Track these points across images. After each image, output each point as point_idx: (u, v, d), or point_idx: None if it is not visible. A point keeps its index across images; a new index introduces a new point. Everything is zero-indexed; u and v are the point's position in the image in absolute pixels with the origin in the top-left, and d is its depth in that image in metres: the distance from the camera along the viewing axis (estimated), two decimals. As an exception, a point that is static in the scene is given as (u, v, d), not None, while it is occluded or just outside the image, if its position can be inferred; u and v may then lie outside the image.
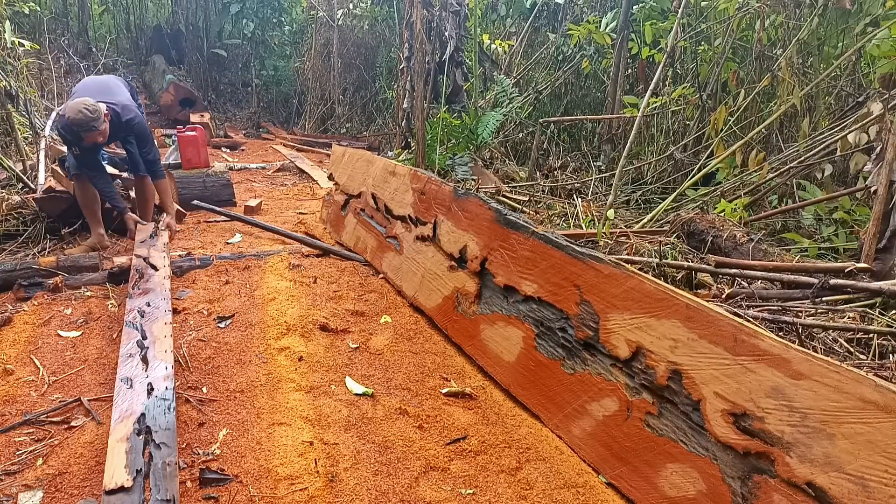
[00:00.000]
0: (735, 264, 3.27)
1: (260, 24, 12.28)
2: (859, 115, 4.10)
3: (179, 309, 3.37)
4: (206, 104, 11.69)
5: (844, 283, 2.94)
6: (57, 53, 10.68)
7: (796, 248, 3.97)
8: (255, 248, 4.47)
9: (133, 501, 1.75)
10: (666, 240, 4.06)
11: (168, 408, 2.18)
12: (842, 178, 4.77)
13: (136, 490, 1.78)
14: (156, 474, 1.86)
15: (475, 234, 3.08)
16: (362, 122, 11.50)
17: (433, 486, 2.09)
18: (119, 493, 1.75)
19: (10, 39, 6.00)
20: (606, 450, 2.18)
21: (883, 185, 3.30)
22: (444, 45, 7.19)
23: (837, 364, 1.59)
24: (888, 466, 1.46)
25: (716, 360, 1.87)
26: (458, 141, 6.87)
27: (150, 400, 2.21)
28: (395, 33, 10.77)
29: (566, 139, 7.90)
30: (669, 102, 6.04)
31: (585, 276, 2.38)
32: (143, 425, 2.07)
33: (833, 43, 5.29)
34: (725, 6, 5.32)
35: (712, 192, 5.03)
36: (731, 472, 1.79)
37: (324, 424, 2.38)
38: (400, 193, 3.88)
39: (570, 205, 5.46)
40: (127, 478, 1.80)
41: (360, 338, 3.17)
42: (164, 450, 1.97)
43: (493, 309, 2.88)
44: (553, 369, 2.48)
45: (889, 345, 2.60)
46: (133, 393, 2.24)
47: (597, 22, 6.87)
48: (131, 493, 1.77)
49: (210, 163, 6.55)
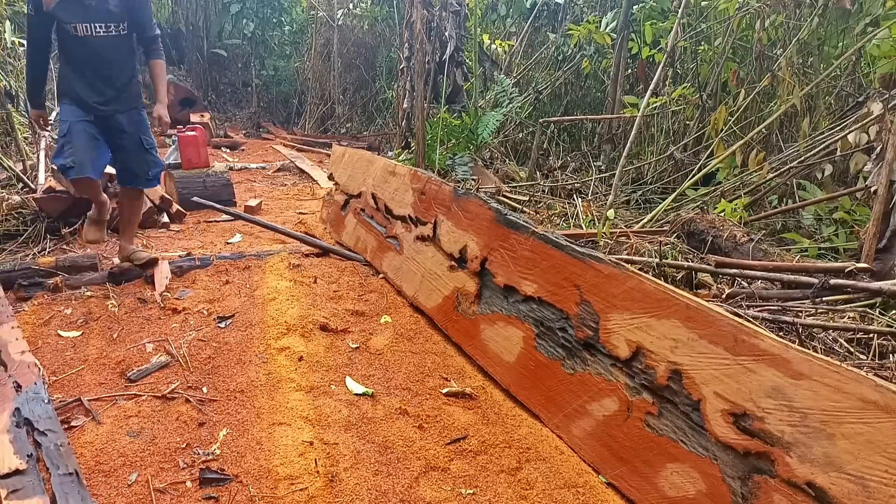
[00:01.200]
0: (735, 264, 3.27)
1: (260, 24, 12.29)
2: (859, 115, 4.10)
3: (179, 309, 3.37)
4: (207, 104, 11.69)
5: (844, 283, 2.94)
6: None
7: (796, 248, 3.97)
8: (255, 248, 4.47)
9: (31, 481, 1.86)
10: (666, 240, 4.06)
11: (43, 400, 2.29)
12: (842, 178, 4.77)
13: (31, 472, 1.89)
14: (50, 455, 1.97)
15: (475, 234, 3.08)
16: (362, 122, 11.51)
17: (433, 486, 2.09)
18: (15, 476, 1.86)
19: (10, 39, 6.01)
20: (606, 450, 2.18)
21: (883, 185, 3.30)
22: (444, 45, 7.19)
23: (837, 364, 1.59)
24: (888, 466, 1.46)
25: (716, 360, 1.87)
26: (458, 141, 6.87)
27: (22, 395, 2.29)
28: (395, 33, 10.77)
29: (566, 139, 7.90)
30: (669, 102, 6.03)
31: (585, 276, 2.38)
32: (21, 417, 2.16)
33: (833, 43, 5.29)
34: (725, 6, 5.32)
35: (712, 192, 5.02)
36: (732, 472, 1.79)
37: (324, 424, 2.38)
38: (400, 193, 3.88)
39: (570, 205, 5.46)
40: (20, 462, 1.90)
41: (361, 338, 3.17)
42: (50, 435, 2.08)
43: (494, 309, 2.88)
44: (553, 369, 2.48)
45: (889, 345, 2.60)
46: (3, 391, 2.35)
47: (597, 22, 6.87)
48: (27, 475, 1.87)
49: (210, 163, 6.55)
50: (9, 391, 2.31)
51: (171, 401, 2.52)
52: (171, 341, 3.00)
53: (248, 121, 12.29)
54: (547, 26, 8.68)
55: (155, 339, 3.05)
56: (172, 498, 1.97)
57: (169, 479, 2.05)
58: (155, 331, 3.14)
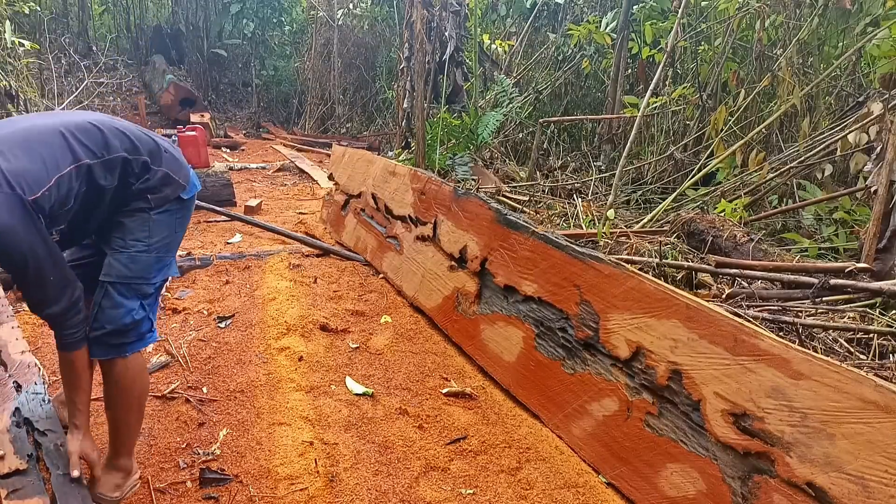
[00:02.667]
0: (735, 264, 3.27)
1: (260, 24, 12.28)
2: (859, 115, 4.10)
3: (179, 309, 3.37)
4: (207, 104, 11.68)
5: (844, 283, 2.94)
6: (57, 53, 10.67)
7: (796, 248, 3.97)
8: (255, 248, 4.47)
9: (32, 481, 1.83)
10: (666, 240, 4.05)
11: (43, 400, 2.24)
12: (842, 178, 4.77)
13: (31, 472, 1.86)
14: (50, 456, 1.94)
15: (475, 234, 3.08)
16: (362, 122, 11.50)
17: (433, 486, 2.09)
18: (15, 476, 1.84)
19: (10, 39, 6.01)
20: (606, 450, 2.18)
21: (883, 185, 3.29)
22: (444, 45, 7.19)
23: (837, 364, 1.59)
24: (888, 466, 1.45)
25: (716, 360, 1.87)
26: (458, 141, 6.87)
27: (22, 395, 2.26)
28: (395, 33, 10.77)
29: (566, 139, 7.90)
30: (669, 102, 6.03)
31: (585, 276, 2.38)
32: (21, 417, 2.13)
33: (833, 43, 5.29)
34: (725, 6, 5.32)
35: (712, 192, 5.02)
36: (732, 472, 1.79)
37: (324, 424, 2.38)
38: (400, 193, 3.88)
39: (570, 205, 5.45)
40: (20, 462, 1.88)
41: (361, 338, 3.16)
42: (50, 435, 2.04)
43: (494, 309, 2.88)
44: (553, 369, 2.48)
45: (889, 345, 2.60)
46: (3, 391, 2.32)
47: (597, 22, 6.87)
48: (28, 475, 1.85)
49: (210, 163, 6.55)
50: (9, 391, 2.31)
51: (171, 401, 2.52)
52: (171, 341, 3.00)
53: (248, 121, 12.29)
54: (547, 26, 8.68)
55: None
56: (172, 498, 1.97)
57: (169, 479, 2.05)
58: (155, 331, 3.14)
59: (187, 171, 2.01)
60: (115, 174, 1.79)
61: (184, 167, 2.00)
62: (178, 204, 1.95)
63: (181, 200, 1.96)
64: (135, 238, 1.86)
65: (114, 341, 1.83)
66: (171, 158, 1.96)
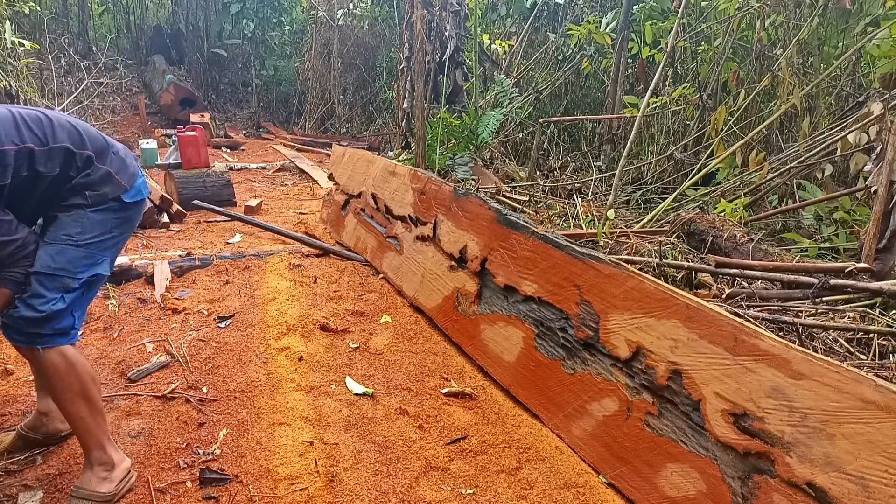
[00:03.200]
0: (735, 264, 3.27)
1: (260, 24, 12.29)
2: (859, 115, 4.10)
3: (179, 309, 3.37)
4: (207, 104, 11.69)
5: (844, 283, 2.94)
6: (57, 53, 10.67)
7: (796, 248, 3.97)
8: (255, 248, 4.47)
9: None
10: (666, 240, 4.06)
11: None
12: (842, 178, 4.77)
13: None
14: None
15: (475, 234, 3.08)
16: (362, 122, 11.51)
17: (433, 486, 2.09)
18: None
19: (10, 39, 6.00)
20: (606, 450, 2.18)
21: (883, 185, 3.29)
22: (444, 45, 7.19)
23: (837, 364, 1.59)
24: (888, 466, 1.45)
25: (716, 360, 1.86)
26: (458, 141, 6.87)
27: None
28: (395, 33, 10.77)
29: (566, 139, 7.90)
30: (669, 102, 6.04)
31: (585, 276, 2.38)
32: None
33: (833, 43, 5.29)
34: (725, 6, 5.32)
35: (712, 192, 5.03)
36: (732, 472, 1.79)
37: (324, 424, 2.38)
38: (400, 193, 3.88)
39: (570, 205, 5.46)
40: None
41: (361, 338, 3.16)
42: None
43: (494, 309, 2.88)
44: (553, 369, 2.48)
45: (889, 345, 2.60)
46: None
47: (597, 22, 6.87)
48: None
49: (210, 163, 6.54)
50: None
51: (171, 401, 2.52)
52: (171, 341, 3.00)
53: (248, 121, 12.29)
54: (547, 26, 8.68)
55: (155, 339, 3.05)
56: (172, 498, 1.97)
57: (169, 479, 2.05)
58: (155, 331, 3.14)
59: (135, 176, 2.04)
60: (57, 163, 1.85)
61: (130, 171, 2.03)
62: (118, 204, 1.98)
63: (122, 203, 1.99)
64: (66, 233, 1.90)
65: (28, 329, 1.84)
66: (119, 160, 2.00)
